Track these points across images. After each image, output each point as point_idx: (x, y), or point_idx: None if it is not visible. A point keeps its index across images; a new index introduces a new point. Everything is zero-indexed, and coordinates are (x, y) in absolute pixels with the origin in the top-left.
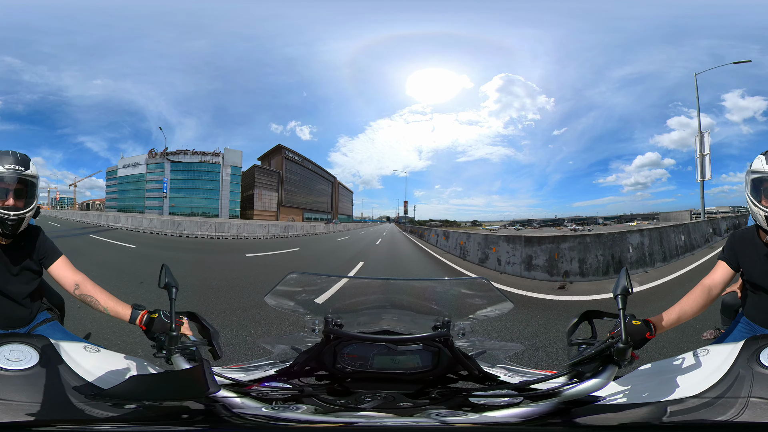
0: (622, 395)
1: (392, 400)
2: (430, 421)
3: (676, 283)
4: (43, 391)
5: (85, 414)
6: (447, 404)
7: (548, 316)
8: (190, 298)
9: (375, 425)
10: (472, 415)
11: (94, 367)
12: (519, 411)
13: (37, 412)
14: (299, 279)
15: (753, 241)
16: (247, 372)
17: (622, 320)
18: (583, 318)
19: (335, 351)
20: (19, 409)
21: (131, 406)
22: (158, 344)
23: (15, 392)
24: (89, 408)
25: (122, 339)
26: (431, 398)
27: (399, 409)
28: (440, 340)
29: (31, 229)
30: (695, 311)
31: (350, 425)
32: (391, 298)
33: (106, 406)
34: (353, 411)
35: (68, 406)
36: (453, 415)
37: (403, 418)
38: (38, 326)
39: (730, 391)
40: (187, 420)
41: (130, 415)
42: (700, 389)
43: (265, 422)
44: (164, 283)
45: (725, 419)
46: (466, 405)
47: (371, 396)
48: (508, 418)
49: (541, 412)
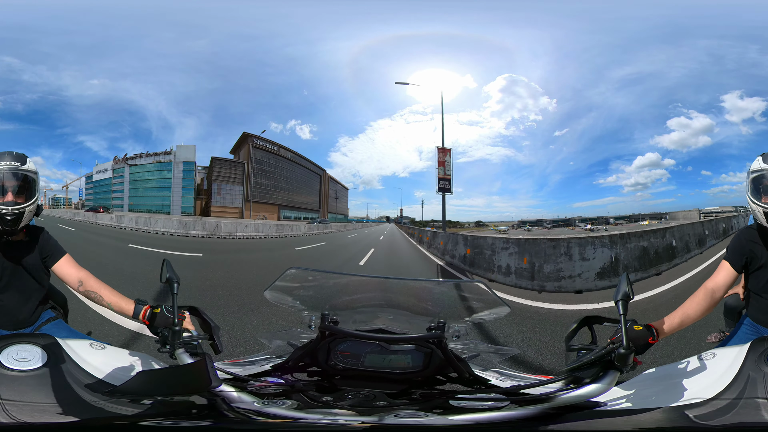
0: (627, 400)
1: (372, 398)
2: (378, 422)
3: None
4: (57, 389)
5: (107, 411)
6: (422, 405)
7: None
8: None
9: (327, 423)
10: (432, 417)
11: (102, 363)
12: (496, 414)
13: (62, 412)
14: (298, 275)
15: (755, 241)
16: (244, 366)
17: (623, 325)
18: (582, 323)
19: (329, 348)
20: (44, 410)
21: (147, 402)
22: (162, 339)
23: (30, 393)
24: (109, 405)
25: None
26: (412, 399)
27: (370, 407)
28: (434, 342)
29: (34, 229)
30: (699, 315)
31: (301, 420)
32: (387, 297)
33: (125, 402)
34: (331, 408)
35: (85, 404)
36: (413, 416)
37: (361, 417)
38: (43, 325)
39: (745, 393)
40: (194, 414)
41: (150, 411)
42: (713, 393)
43: (252, 416)
44: (166, 278)
45: (757, 421)
46: (445, 407)
47: (354, 394)
48: (474, 420)
49: (525, 416)
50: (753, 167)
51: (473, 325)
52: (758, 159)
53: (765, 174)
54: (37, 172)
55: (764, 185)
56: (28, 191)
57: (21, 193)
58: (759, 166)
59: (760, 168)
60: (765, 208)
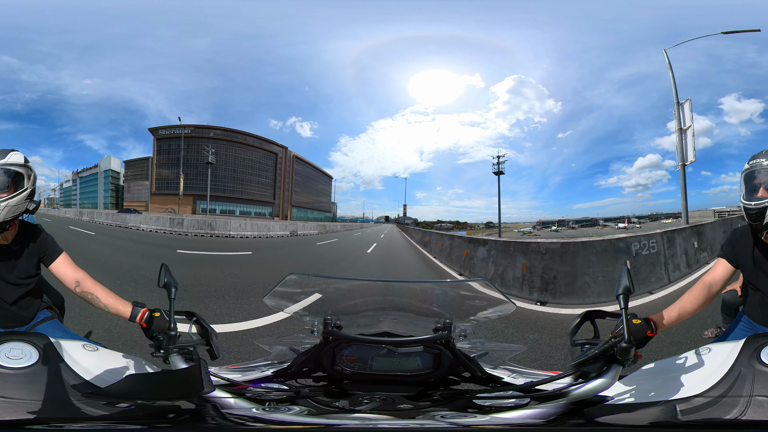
0: (629, 395)
1: (392, 402)
2: (436, 423)
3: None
4: (44, 389)
5: (81, 412)
6: (450, 406)
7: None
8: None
9: (368, 427)
10: (481, 416)
11: (93, 365)
12: (530, 412)
13: (38, 410)
14: (298, 280)
15: (750, 239)
16: (244, 372)
17: (625, 319)
18: (585, 318)
19: (334, 353)
20: (20, 407)
21: (124, 405)
22: (156, 343)
23: (16, 390)
24: (85, 406)
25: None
26: (433, 400)
27: (399, 411)
28: (441, 342)
29: (31, 227)
30: (696, 308)
31: (336, 426)
32: (391, 300)
33: (100, 404)
34: (349, 413)
35: (67, 404)
36: (460, 416)
37: (404, 420)
38: (38, 325)
39: (732, 389)
40: (173, 419)
41: (120, 414)
42: (704, 388)
43: (251, 423)
44: (163, 283)
45: (731, 418)
46: (471, 407)
47: (369, 398)
48: (521, 419)
49: (555, 413)
50: (744, 167)
51: (478, 323)
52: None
53: (748, 172)
54: (24, 166)
55: (750, 184)
56: (13, 185)
57: (4, 188)
58: (746, 166)
59: (748, 166)
60: (746, 204)
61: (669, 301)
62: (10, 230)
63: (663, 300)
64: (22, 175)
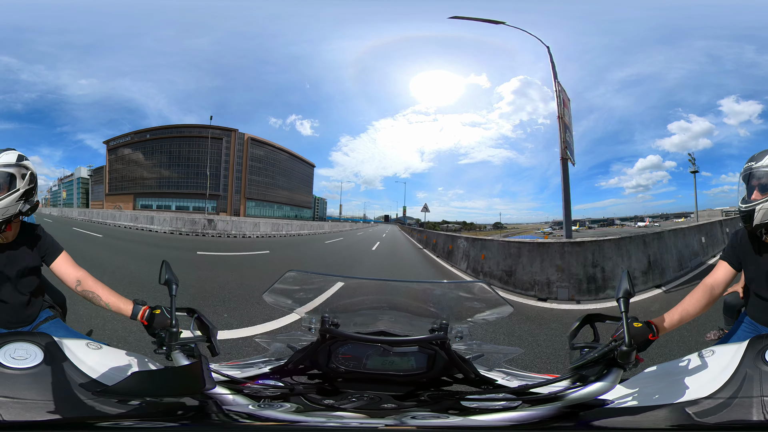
0: (632, 398)
1: (378, 401)
2: (401, 425)
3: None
4: (51, 388)
5: (96, 411)
6: (434, 407)
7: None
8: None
9: (332, 426)
10: (457, 418)
11: (97, 363)
12: (517, 414)
13: (53, 410)
14: (298, 277)
15: (752, 240)
16: (242, 369)
17: (625, 323)
18: (584, 322)
19: (330, 351)
20: (34, 408)
21: (135, 402)
22: (159, 340)
23: (26, 390)
24: (98, 405)
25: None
26: (419, 400)
27: (379, 410)
28: (437, 343)
29: (31, 227)
30: (698, 311)
31: (299, 424)
32: (388, 299)
33: (112, 402)
34: (334, 410)
35: (78, 403)
36: (433, 417)
37: (374, 420)
38: (41, 324)
39: (741, 391)
40: (181, 416)
41: (135, 411)
42: (710, 390)
43: (244, 420)
44: (164, 280)
45: (747, 419)
46: (457, 408)
47: (358, 396)
48: (497, 422)
49: (542, 416)
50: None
51: (476, 325)
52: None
53: (743, 175)
54: (16, 166)
55: (745, 187)
56: (6, 187)
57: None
58: (742, 169)
59: (741, 171)
60: (739, 206)
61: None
62: (11, 230)
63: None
64: (14, 176)
